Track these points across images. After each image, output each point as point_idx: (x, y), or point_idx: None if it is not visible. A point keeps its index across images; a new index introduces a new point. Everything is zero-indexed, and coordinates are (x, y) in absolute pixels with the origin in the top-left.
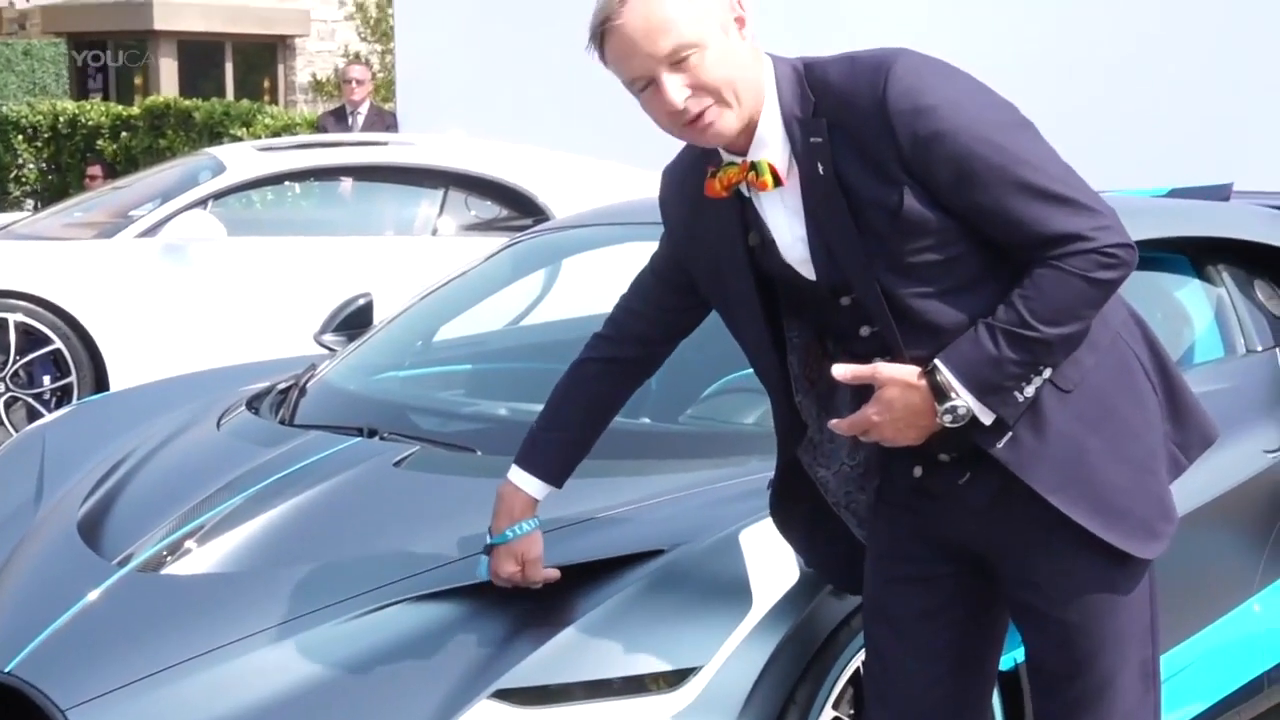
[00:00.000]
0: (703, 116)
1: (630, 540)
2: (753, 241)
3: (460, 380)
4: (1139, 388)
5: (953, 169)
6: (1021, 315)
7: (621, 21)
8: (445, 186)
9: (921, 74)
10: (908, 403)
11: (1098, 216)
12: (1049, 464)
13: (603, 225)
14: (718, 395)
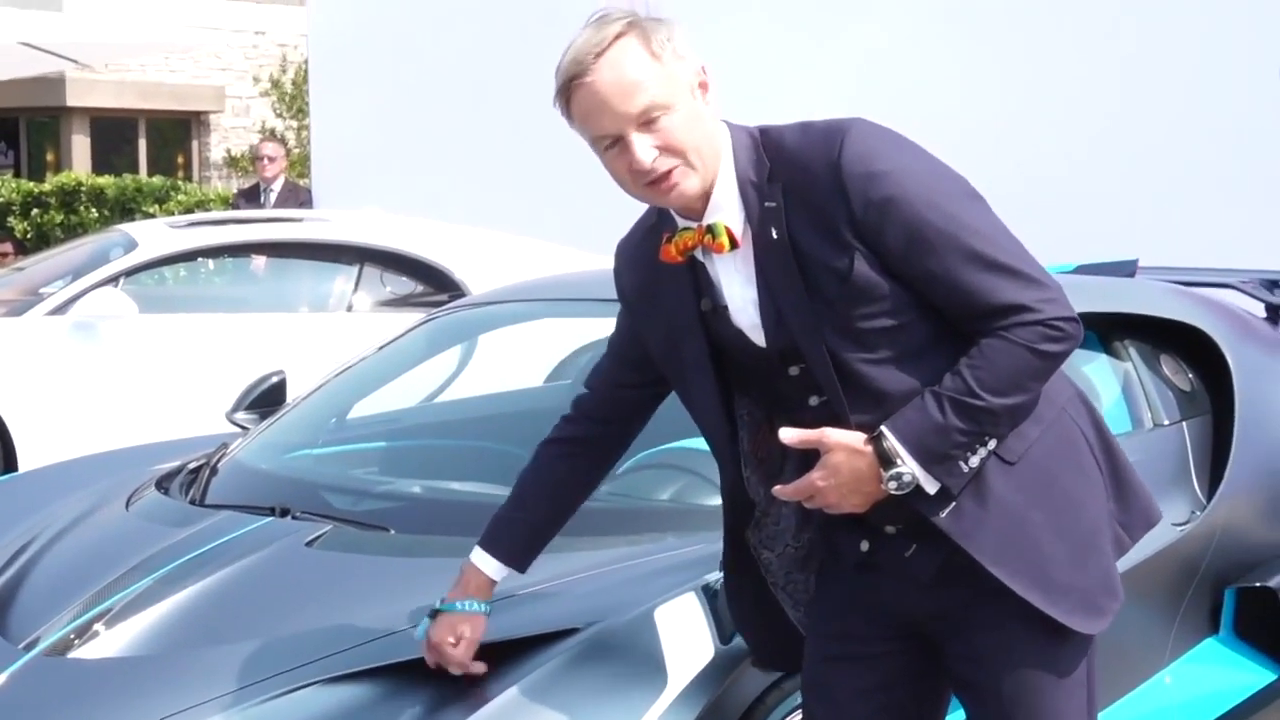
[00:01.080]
0: (669, 176)
1: (546, 618)
2: (705, 307)
3: (374, 458)
4: (1083, 463)
5: (904, 235)
6: (969, 384)
7: (592, 79)
8: (360, 262)
9: (875, 140)
10: (853, 468)
11: (1044, 289)
12: (992, 535)
13: (519, 301)
14: (634, 471)
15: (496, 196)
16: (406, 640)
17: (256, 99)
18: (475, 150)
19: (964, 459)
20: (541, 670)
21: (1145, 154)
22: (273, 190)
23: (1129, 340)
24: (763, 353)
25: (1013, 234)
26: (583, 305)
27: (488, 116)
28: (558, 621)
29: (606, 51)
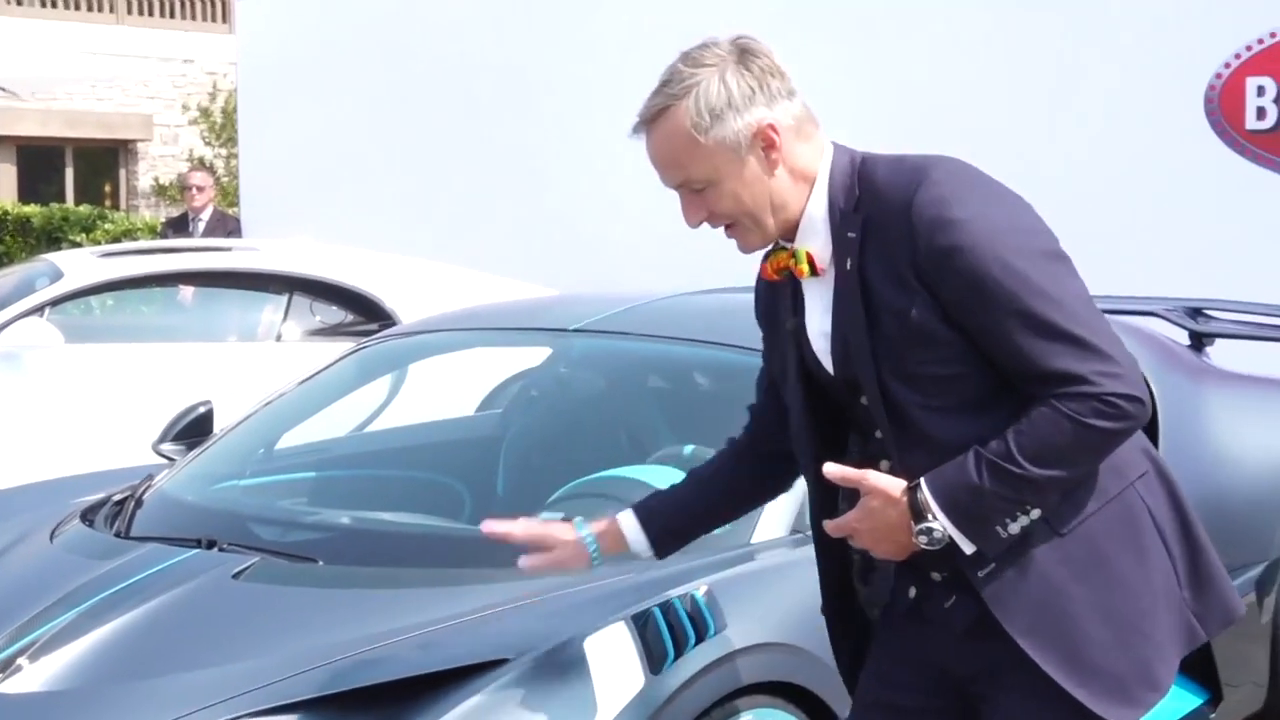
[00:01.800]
0: (730, 230)
1: (477, 649)
2: (789, 325)
3: (303, 489)
4: (1145, 544)
5: (965, 286)
6: (1009, 449)
7: (646, 139)
8: (290, 291)
9: (955, 184)
10: (886, 518)
11: (1107, 362)
12: (1026, 604)
13: (450, 330)
14: (566, 500)
15: (428, 225)
16: (335, 672)
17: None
18: (406, 179)
19: (1001, 524)
20: (471, 701)
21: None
22: (201, 219)
23: None
24: (834, 383)
25: (1090, 301)
26: (514, 334)
27: (418, 145)
28: (488, 652)
29: (657, 120)
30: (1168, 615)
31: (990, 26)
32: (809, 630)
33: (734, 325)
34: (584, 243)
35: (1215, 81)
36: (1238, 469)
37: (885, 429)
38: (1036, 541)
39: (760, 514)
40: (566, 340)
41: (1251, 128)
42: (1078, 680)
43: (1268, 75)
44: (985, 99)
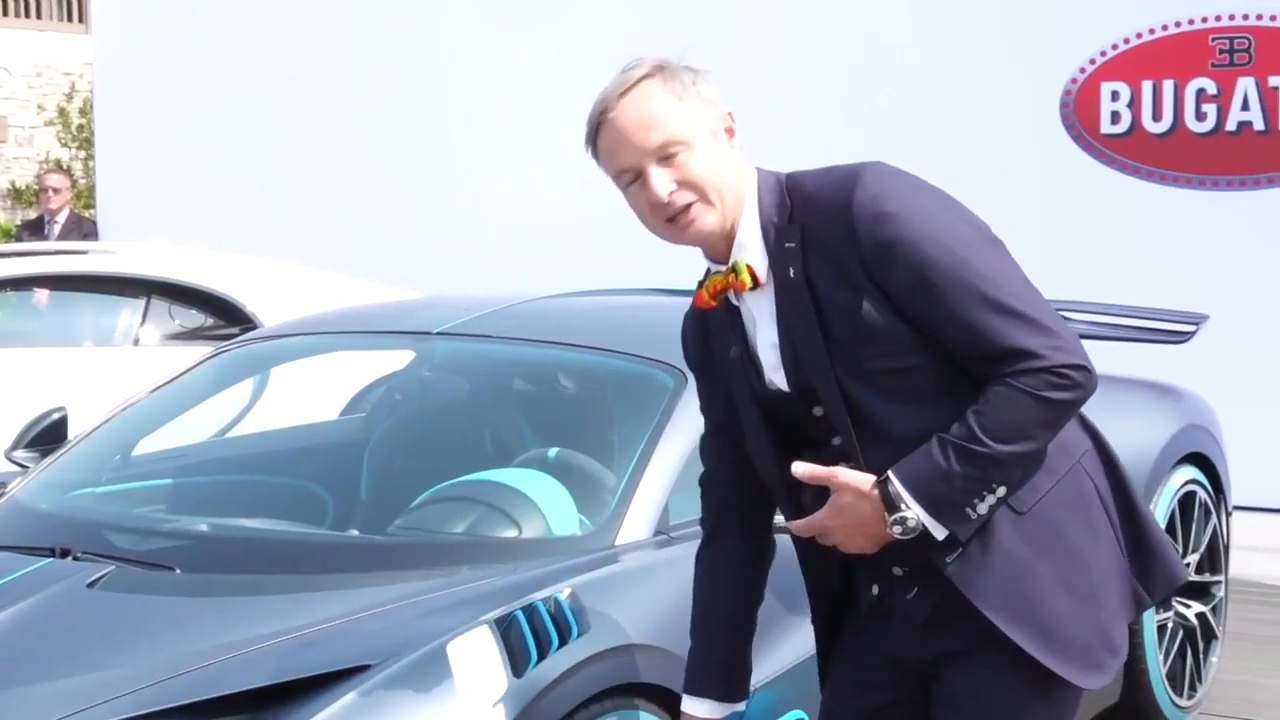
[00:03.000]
0: (686, 212)
1: (337, 656)
2: (733, 354)
3: (160, 496)
4: (1093, 518)
5: (910, 276)
6: (972, 430)
7: (615, 115)
8: (148, 295)
9: (888, 182)
10: (859, 512)
11: (1053, 336)
12: (995, 583)
13: (312, 334)
14: (428, 505)
15: (289, 227)
16: (191, 682)
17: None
18: (266, 181)
19: (970, 506)
20: (332, 708)
21: None
22: (57, 222)
23: None
24: (788, 396)
25: (1028, 280)
26: (377, 338)
27: (279, 147)
28: (349, 659)
29: (630, 91)
30: (1118, 584)
31: (843, 33)
32: (672, 631)
33: (598, 328)
34: (447, 246)
35: (1071, 87)
36: None
37: (845, 431)
38: (999, 524)
39: (624, 516)
40: (430, 343)
41: (1106, 132)
42: (1049, 651)
43: (1122, 80)
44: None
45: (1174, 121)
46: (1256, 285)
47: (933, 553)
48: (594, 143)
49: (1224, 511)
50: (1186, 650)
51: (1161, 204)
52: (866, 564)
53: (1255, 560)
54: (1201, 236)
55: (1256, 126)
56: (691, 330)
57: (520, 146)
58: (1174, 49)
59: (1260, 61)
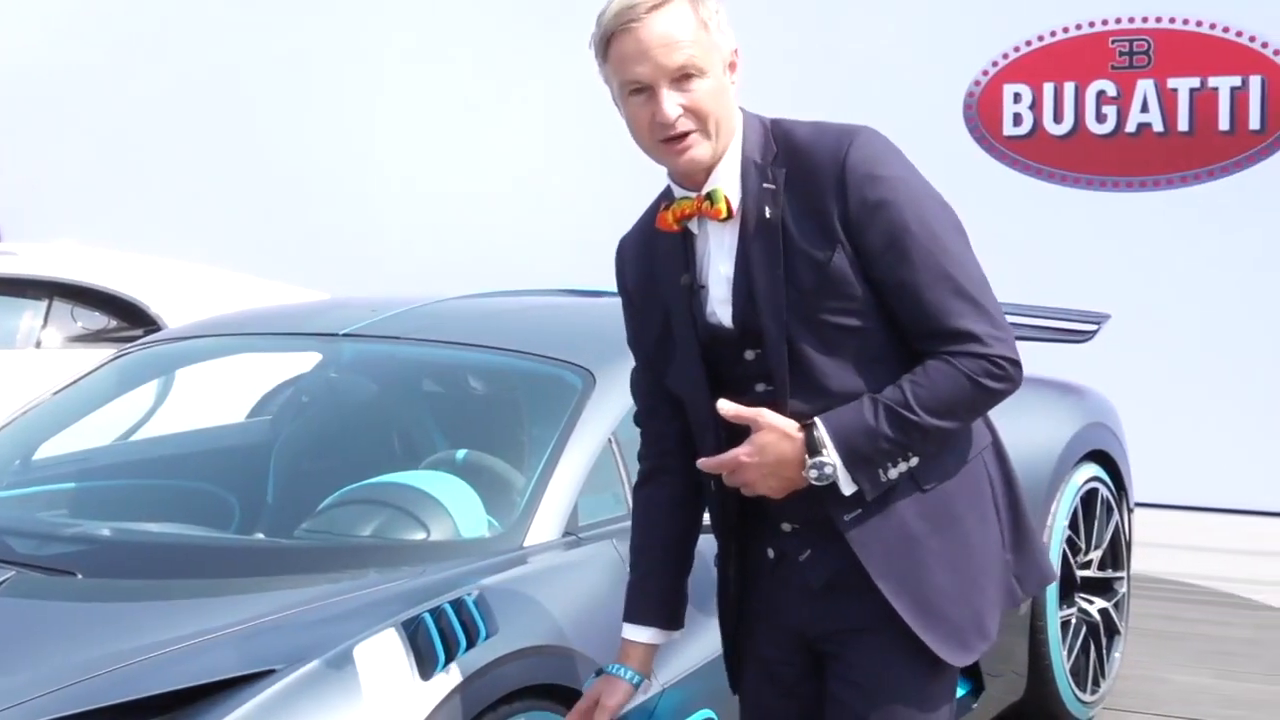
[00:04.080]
0: (684, 139)
1: (242, 660)
2: (684, 281)
3: (62, 500)
4: (985, 510)
5: (886, 238)
6: (906, 397)
7: (640, 26)
8: (50, 297)
9: (883, 148)
10: (780, 451)
11: (999, 328)
12: (885, 550)
13: (217, 336)
14: (335, 508)
15: (193, 228)
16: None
17: None
18: (170, 182)
19: (884, 467)
20: (237, 713)
21: None
22: None
23: None
24: (727, 334)
25: (984, 274)
26: (283, 339)
27: (182, 147)
28: (254, 663)
29: (663, 7)
30: (998, 574)
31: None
32: (581, 632)
33: (506, 329)
34: (354, 246)
35: (974, 89)
36: None
37: (779, 377)
38: (901, 494)
39: (533, 517)
40: (337, 345)
41: (1009, 134)
42: (924, 623)
43: (1024, 83)
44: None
45: (1075, 123)
46: (1156, 285)
47: (833, 508)
48: (606, 46)
49: (1126, 508)
50: (1090, 646)
51: (1063, 204)
52: (759, 523)
53: (1157, 556)
54: (1102, 237)
55: (1155, 128)
56: (633, 254)
57: (429, 147)
58: (1075, 51)
59: (1159, 64)
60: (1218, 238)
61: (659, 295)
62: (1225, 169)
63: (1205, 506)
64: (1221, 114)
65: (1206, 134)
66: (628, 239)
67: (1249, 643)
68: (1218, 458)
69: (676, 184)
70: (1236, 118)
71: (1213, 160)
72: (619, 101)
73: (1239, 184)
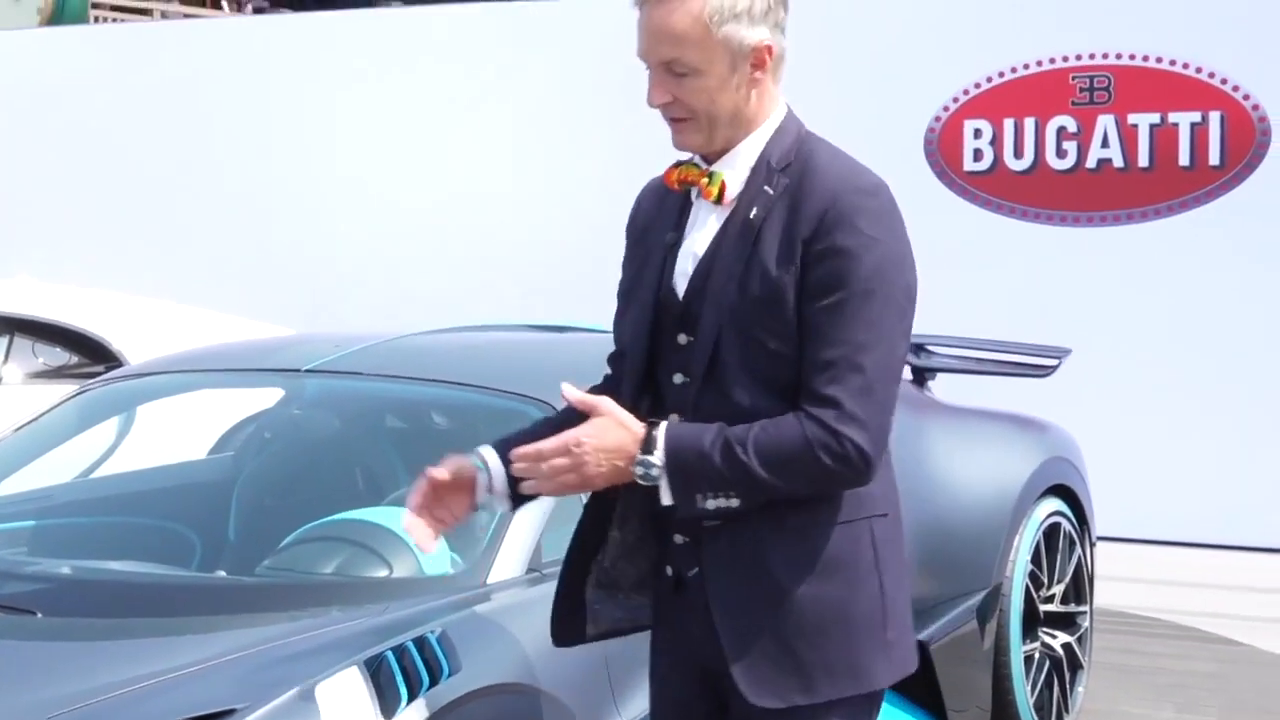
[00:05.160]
0: (674, 123)
1: (203, 699)
2: (669, 240)
3: (22, 538)
4: (857, 576)
5: (826, 284)
6: (747, 438)
7: (647, 7)
8: (10, 333)
9: (882, 208)
10: (618, 438)
11: (869, 414)
12: (732, 571)
13: (179, 372)
14: (297, 544)
15: (154, 263)
16: None
17: None
18: (131, 216)
19: (702, 493)
20: None
21: None
22: None
23: None
24: (675, 306)
25: (899, 368)
26: (245, 375)
27: (142, 182)
28: (216, 702)
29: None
30: (856, 647)
31: None
32: (545, 670)
33: (468, 364)
34: (316, 281)
35: (934, 124)
36: (957, 498)
37: (696, 371)
38: (766, 525)
39: (496, 554)
40: (299, 381)
41: (969, 169)
42: (738, 656)
43: (984, 118)
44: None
45: (1035, 158)
46: (1117, 319)
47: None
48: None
49: (1088, 542)
50: (1054, 680)
51: (1023, 239)
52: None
53: (1120, 590)
54: (1063, 271)
55: (1116, 164)
56: (649, 198)
57: (390, 180)
58: (1035, 87)
59: (1119, 100)
60: (1179, 272)
61: (646, 243)
62: (1185, 204)
63: (1167, 540)
64: (1182, 149)
65: (1167, 169)
66: (649, 186)
67: (1211, 677)
68: (1179, 492)
69: (693, 150)
70: (1196, 153)
71: (1173, 195)
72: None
73: (1199, 219)
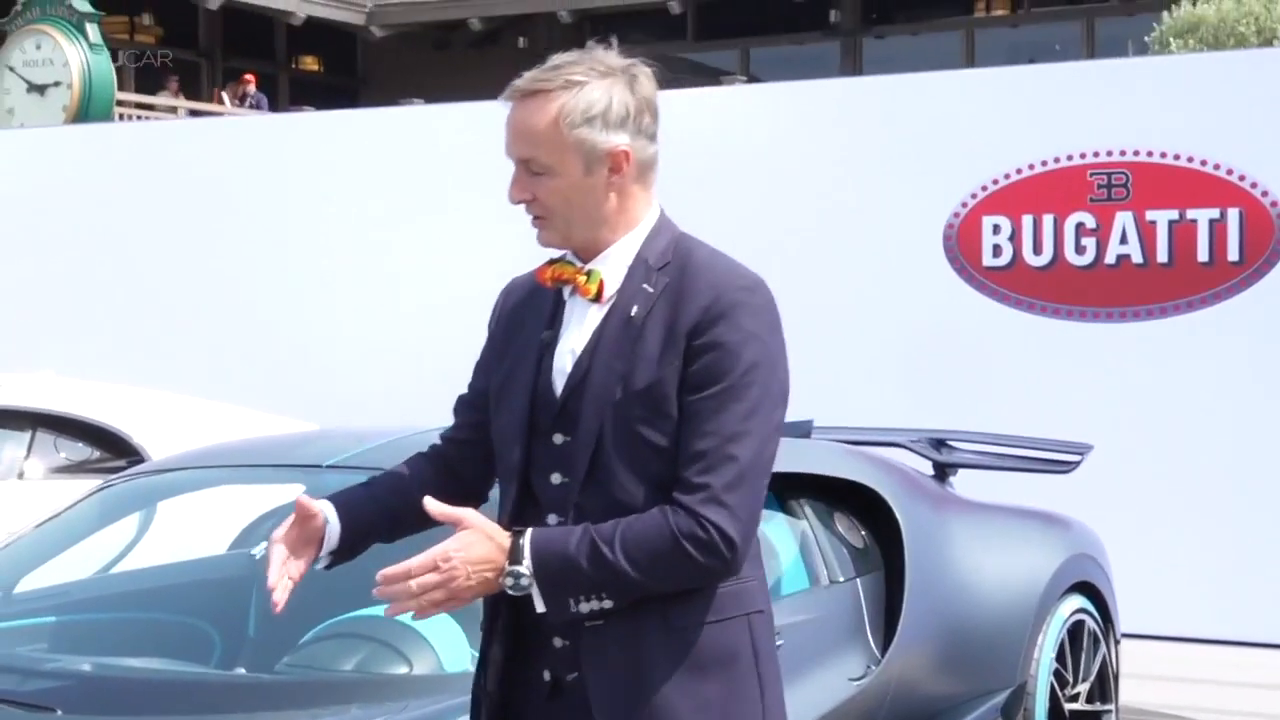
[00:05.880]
0: (534, 219)
1: None
2: (545, 338)
3: (43, 634)
4: (737, 673)
5: (706, 376)
6: (613, 536)
7: (511, 105)
8: (33, 428)
9: (761, 305)
10: (485, 551)
11: (736, 504)
12: (614, 673)
13: (200, 468)
14: (317, 641)
15: (176, 359)
16: None
17: None
18: (153, 312)
19: (575, 598)
20: None
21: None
22: None
23: (804, 499)
24: (551, 404)
25: (768, 462)
26: (266, 471)
27: (164, 278)
28: None
29: (530, 96)
30: None
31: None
32: None
33: None
34: (338, 377)
35: (953, 220)
36: (981, 596)
37: (577, 467)
38: (648, 624)
39: None
40: (320, 477)
41: (989, 264)
42: None
43: (1003, 214)
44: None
45: (1054, 254)
46: (1139, 414)
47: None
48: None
49: (1113, 640)
50: None
51: (1043, 335)
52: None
53: (1145, 688)
54: (1083, 367)
55: (1135, 259)
56: (515, 297)
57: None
58: (1054, 184)
59: (1138, 196)
60: (1198, 369)
61: (515, 341)
62: (1204, 300)
63: (1192, 637)
64: (1200, 245)
65: (1186, 265)
66: (518, 281)
67: None
68: (1205, 588)
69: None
70: (1215, 249)
71: (1193, 291)
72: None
73: (1218, 315)
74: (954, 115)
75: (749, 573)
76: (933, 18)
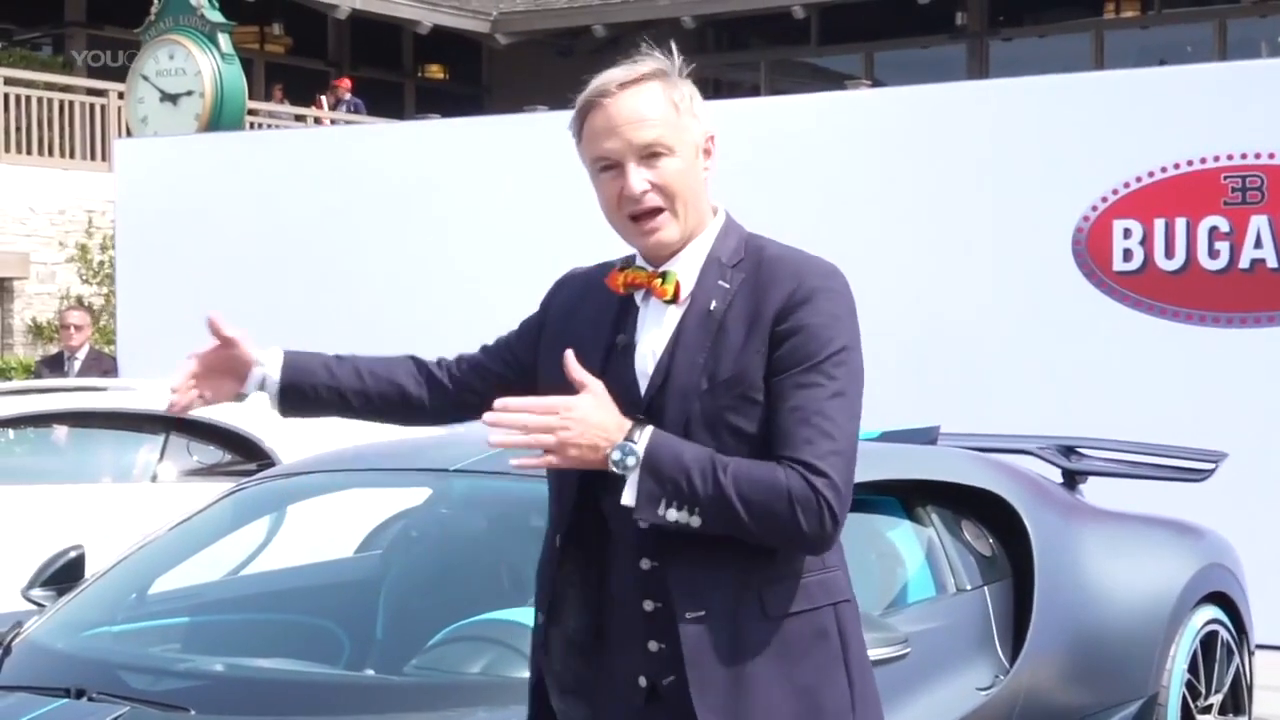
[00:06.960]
0: (653, 217)
1: None
2: (620, 342)
3: (176, 635)
4: (826, 661)
5: (794, 357)
6: (728, 462)
7: (611, 102)
8: (166, 431)
9: (839, 290)
10: (606, 417)
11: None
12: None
13: (328, 471)
14: (444, 644)
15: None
16: None
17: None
18: (284, 318)
19: (668, 499)
20: None
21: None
22: (77, 358)
23: (931, 506)
24: (634, 406)
25: (856, 435)
26: (393, 475)
27: (295, 284)
28: None
29: (633, 85)
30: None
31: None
32: None
33: None
34: None
35: (1083, 224)
36: (1111, 605)
37: None
38: (747, 616)
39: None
40: (447, 480)
41: (1119, 269)
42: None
43: (1134, 218)
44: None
45: (1187, 259)
46: (1273, 421)
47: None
48: (581, 122)
49: (1247, 651)
50: None
51: (1176, 341)
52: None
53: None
54: (1218, 373)
55: (1270, 264)
56: (572, 289)
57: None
58: (1186, 187)
59: (1272, 200)
60: None
61: (573, 337)
62: None
63: None
64: None
65: None
66: (576, 274)
67: None
68: None
69: (641, 254)
70: None
71: None
72: (592, 180)
73: None
74: (1085, 118)
75: (834, 561)
76: (1061, 19)
